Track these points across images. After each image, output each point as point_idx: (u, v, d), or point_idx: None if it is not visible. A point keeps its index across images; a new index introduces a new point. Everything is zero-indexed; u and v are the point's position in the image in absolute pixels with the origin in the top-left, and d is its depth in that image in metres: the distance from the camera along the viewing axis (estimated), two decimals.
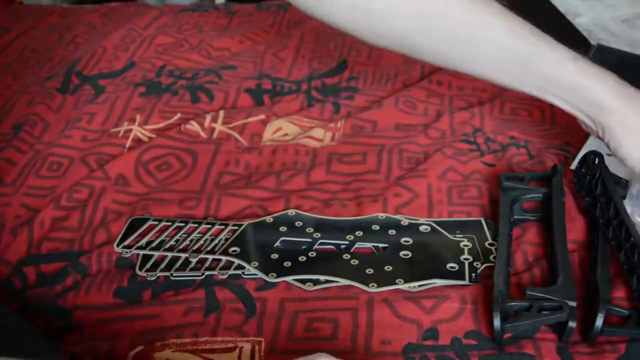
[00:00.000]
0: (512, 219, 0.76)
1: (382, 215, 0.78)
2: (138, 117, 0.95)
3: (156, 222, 0.77)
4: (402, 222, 0.77)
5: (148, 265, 0.72)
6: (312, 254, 0.73)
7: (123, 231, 0.76)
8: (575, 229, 0.75)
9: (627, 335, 0.63)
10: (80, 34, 1.21)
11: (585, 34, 0.93)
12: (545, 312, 0.63)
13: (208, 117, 0.95)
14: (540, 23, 1.05)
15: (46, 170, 0.87)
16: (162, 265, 0.72)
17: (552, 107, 0.98)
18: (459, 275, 0.70)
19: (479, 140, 0.90)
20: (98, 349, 0.64)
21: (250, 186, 0.83)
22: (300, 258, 0.73)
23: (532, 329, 0.64)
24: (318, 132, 0.93)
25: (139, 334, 0.66)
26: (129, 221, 0.77)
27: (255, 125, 0.94)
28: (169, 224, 0.77)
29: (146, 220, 0.77)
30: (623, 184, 0.77)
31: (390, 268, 0.71)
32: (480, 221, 0.78)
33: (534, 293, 0.65)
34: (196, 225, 0.77)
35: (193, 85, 1.03)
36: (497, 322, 0.62)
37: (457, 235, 0.76)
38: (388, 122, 0.95)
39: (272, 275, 0.70)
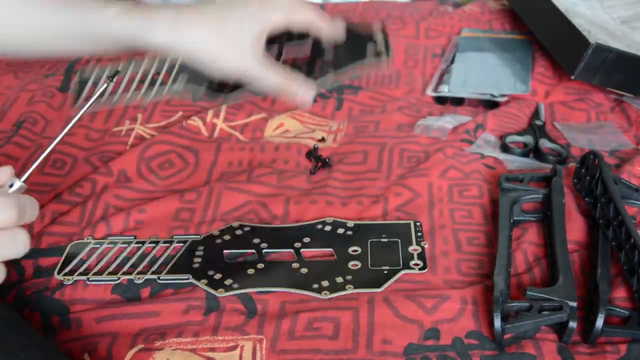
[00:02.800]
0: (511, 220, 0.76)
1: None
2: (140, 116, 0.95)
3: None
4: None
5: (67, 269, 0.71)
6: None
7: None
8: (575, 230, 0.75)
9: (628, 336, 0.63)
10: None
11: (585, 34, 0.93)
12: (546, 313, 0.63)
13: (210, 112, 0.95)
14: (541, 21, 1.07)
15: (50, 168, 0.87)
16: (82, 269, 0.71)
17: (552, 109, 0.98)
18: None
19: (479, 142, 0.90)
20: (97, 347, 0.64)
21: (252, 181, 0.83)
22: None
23: (533, 329, 0.64)
24: (320, 134, 0.93)
25: (138, 331, 0.66)
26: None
27: (256, 122, 0.95)
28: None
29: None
30: (623, 184, 0.78)
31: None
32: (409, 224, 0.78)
33: (534, 293, 0.65)
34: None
35: None
36: (497, 323, 0.62)
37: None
38: (390, 122, 0.95)
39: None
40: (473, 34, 1.17)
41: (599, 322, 0.62)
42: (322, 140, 0.92)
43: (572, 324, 0.63)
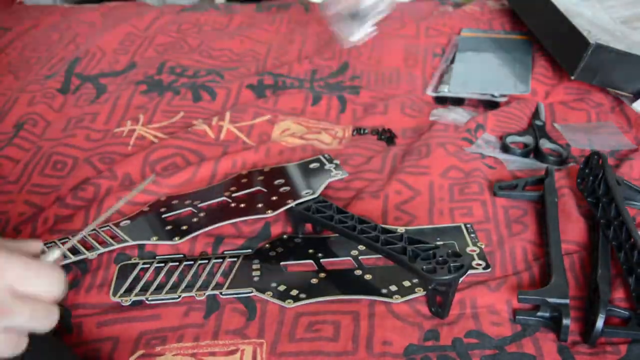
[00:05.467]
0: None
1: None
2: (141, 117, 0.95)
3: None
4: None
5: (122, 291, 0.70)
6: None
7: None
8: (575, 230, 0.75)
9: (628, 337, 0.63)
10: (80, 34, 1.21)
11: (585, 34, 0.93)
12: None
13: (215, 118, 0.95)
14: (541, 22, 1.07)
15: (50, 169, 0.87)
16: (137, 289, 0.70)
17: (552, 109, 0.98)
18: None
19: (480, 142, 0.90)
20: (99, 353, 0.64)
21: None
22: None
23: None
24: (325, 137, 0.93)
25: (139, 335, 0.66)
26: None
27: (262, 125, 0.95)
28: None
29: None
30: (626, 185, 0.78)
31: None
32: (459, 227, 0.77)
33: (526, 297, 0.65)
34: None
35: (195, 84, 1.03)
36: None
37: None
38: (394, 126, 0.95)
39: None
40: (473, 34, 1.17)
41: (600, 322, 0.62)
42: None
43: (566, 321, 0.63)
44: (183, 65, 1.09)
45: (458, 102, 1.01)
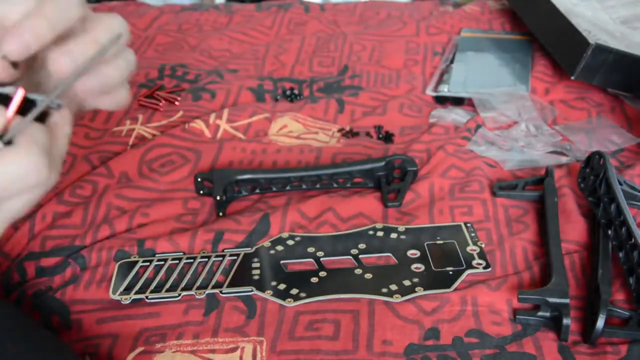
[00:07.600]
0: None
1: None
2: (140, 116, 0.95)
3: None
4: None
5: (121, 289, 0.70)
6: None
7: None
8: (576, 230, 0.75)
9: (628, 337, 0.63)
10: None
11: (584, 34, 0.93)
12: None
13: (212, 115, 0.95)
14: (541, 22, 1.07)
15: None
16: (137, 288, 0.70)
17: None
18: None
19: (477, 138, 0.90)
20: (98, 349, 0.64)
21: None
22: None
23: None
24: (323, 137, 0.93)
25: (139, 333, 0.65)
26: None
27: (260, 123, 0.94)
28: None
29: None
30: (627, 185, 0.77)
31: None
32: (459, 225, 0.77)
33: (526, 296, 0.65)
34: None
35: (195, 87, 1.03)
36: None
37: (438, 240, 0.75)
38: (393, 125, 0.95)
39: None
40: (473, 34, 1.17)
41: (600, 322, 0.62)
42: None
43: (566, 321, 0.63)
44: (183, 66, 1.09)
45: (458, 102, 1.01)
